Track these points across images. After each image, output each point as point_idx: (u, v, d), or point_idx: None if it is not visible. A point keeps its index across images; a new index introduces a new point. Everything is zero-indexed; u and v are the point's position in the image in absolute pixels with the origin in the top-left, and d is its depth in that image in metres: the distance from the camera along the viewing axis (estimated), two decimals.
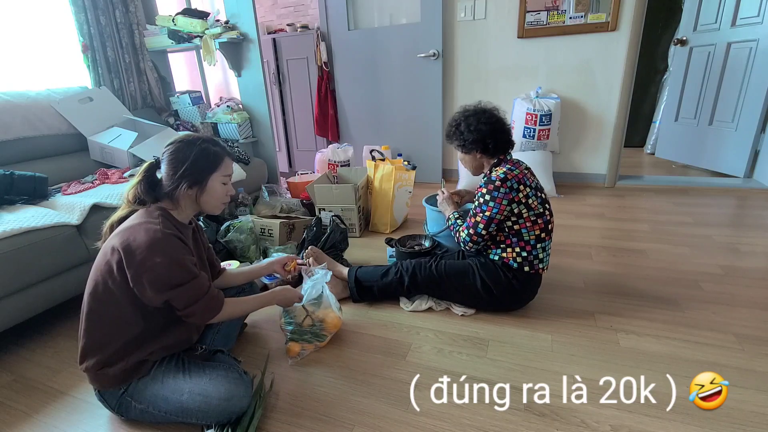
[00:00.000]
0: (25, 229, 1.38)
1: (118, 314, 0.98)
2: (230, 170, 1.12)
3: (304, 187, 2.47)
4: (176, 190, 1.03)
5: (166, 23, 2.62)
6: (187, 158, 1.03)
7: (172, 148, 1.05)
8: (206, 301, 1.01)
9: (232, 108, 2.80)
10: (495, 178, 1.33)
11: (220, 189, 1.09)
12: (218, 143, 1.09)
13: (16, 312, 1.39)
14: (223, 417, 1.00)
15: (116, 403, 1.03)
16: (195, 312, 1.00)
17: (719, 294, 1.54)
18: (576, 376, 1.15)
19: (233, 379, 1.03)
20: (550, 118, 2.72)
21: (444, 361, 1.25)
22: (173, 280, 0.95)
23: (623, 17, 2.57)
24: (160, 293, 0.95)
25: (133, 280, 0.94)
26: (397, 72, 3.15)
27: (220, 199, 1.10)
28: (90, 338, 1.01)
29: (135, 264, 0.93)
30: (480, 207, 1.36)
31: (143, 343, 1.01)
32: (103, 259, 0.98)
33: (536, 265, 1.40)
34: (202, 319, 1.03)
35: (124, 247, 0.94)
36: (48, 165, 1.98)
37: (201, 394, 0.99)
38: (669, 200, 2.62)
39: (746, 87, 2.78)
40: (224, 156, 1.09)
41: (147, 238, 0.94)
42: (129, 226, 0.98)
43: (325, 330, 1.32)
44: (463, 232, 1.42)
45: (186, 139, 1.06)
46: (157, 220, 0.99)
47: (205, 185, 1.06)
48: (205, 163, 1.05)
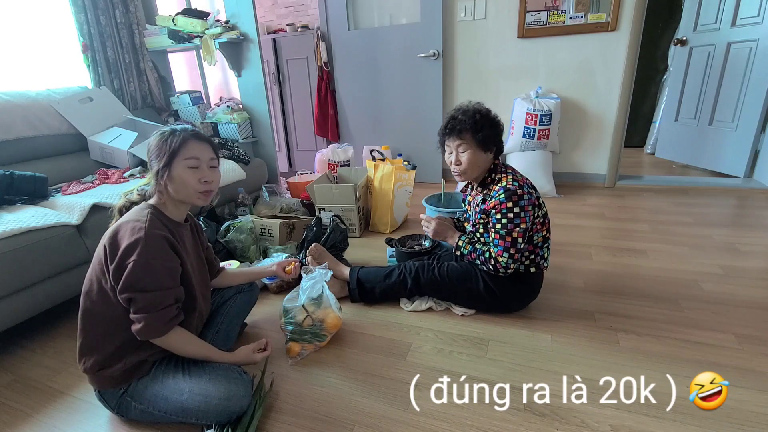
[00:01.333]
0: (25, 229, 1.38)
1: (112, 315, 0.97)
2: (197, 153, 1.02)
3: (304, 187, 2.47)
4: (155, 182, 1.02)
5: (166, 23, 2.62)
6: (152, 145, 1.02)
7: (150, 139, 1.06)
8: (156, 317, 0.94)
9: (232, 108, 2.80)
10: (514, 188, 1.27)
11: (189, 175, 1.01)
12: (185, 129, 1.04)
13: (16, 312, 1.39)
14: (223, 417, 1.00)
15: (116, 404, 1.03)
16: (142, 321, 0.94)
17: (719, 294, 1.54)
18: (576, 376, 1.15)
19: (233, 379, 1.02)
20: (550, 118, 2.72)
21: (444, 361, 1.25)
22: (140, 283, 0.92)
23: (623, 17, 2.57)
24: (123, 290, 0.92)
25: (112, 275, 0.93)
26: (397, 72, 3.15)
27: (191, 186, 1.02)
28: (86, 339, 1.00)
29: (114, 261, 0.92)
30: (512, 222, 1.27)
31: (140, 344, 1.00)
32: (96, 259, 0.98)
33: (541, 264, 1.40)
34: (145, 333, 0.95)
35: (109, 243, 0.94)
36: (48, 165, 1.98)
37: (201, 394, 0.99)
38: (669, 200, 2.62)
39: (746, 87, 2.78)
40: (188, 138, 1.01)
41: (129, 237, 0.93)
42: (119, 223, 0.98)
43: (325, 330, 1.32)
44: (501, 258, 1.29)
45: (160, 130, 1.04)
46: (145, 218, 0.97)
47: (171, 171, 1.00)
48: (164, 147, 1.00)
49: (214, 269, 1.30)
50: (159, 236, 0.95)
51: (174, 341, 1.00)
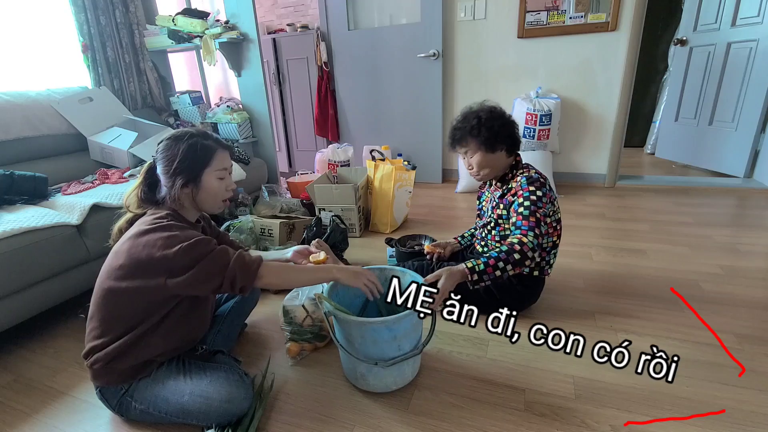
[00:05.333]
0: (25, 229, 1.38)
1: (130, 312, 0.97)
2: (226, 163, 1.06)
3: (304, 187, 2.47)
4: (172, 189, 1.00)
5: (166, 23, 2.62)
6: (176, 155, 0.99)
7: (162, 146, 1.02)
8: (238, 262, 0.95)
9: (232, 108, 2.80)
10: (537, 176, 1.29)
11: (217, 185, 1.05)
12: (210, 136, 1.05)
13: (16, 312, 1.39)
14: (224, 419, 1.00)
15: (116, 403, 1.03)
16: (234, 275, 0.94)
17: (719, 294, 1.54)
18: (576, 376, 1.15)
19: (234, 381, 1.02)
20: (550, 118, 2.72)
21: (444, 361, 1.25)
22: (195, 253, 0.92)
23: (623, 17, 2.57)
24: (190, 273, 0.91)
25: (165, 279, 0.92)
26: (397, 72, 3.15)
27: (218, 195, 1.06)
28: (99, 336, 0.99)
29: (156, 264, 0.91)
30: (535, 205, 1.25)
31: (152, 341, 1.00)
32: (115, 261, 0.96)
33: (546, 269, 1.40)
34: (245, 280, 0.96)
35: (141, 256, 0.92)
36: (48, 165, 1.98)
37: (202, 396, 0.99)
38: (669, 200, 2.62)
39: (746, 87, 2.78)
40: (216, 148, 1.04)
41: (161, 233, 0.93)
42: (137, 231, 0.96)
43: (325, 330, 1.32)
44: (527, 237, 1.21)
45: (175, 134, 1.02)
46: (166, 219, 0.98)
47: (200, 182, 1.02)
48: (195, 158, 1.00)
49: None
50: (184, 227, 0.99)
51: (276, 276, 1.01)
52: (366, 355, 1.06)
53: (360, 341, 1.06)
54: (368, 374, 1.09)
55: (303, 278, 1.07)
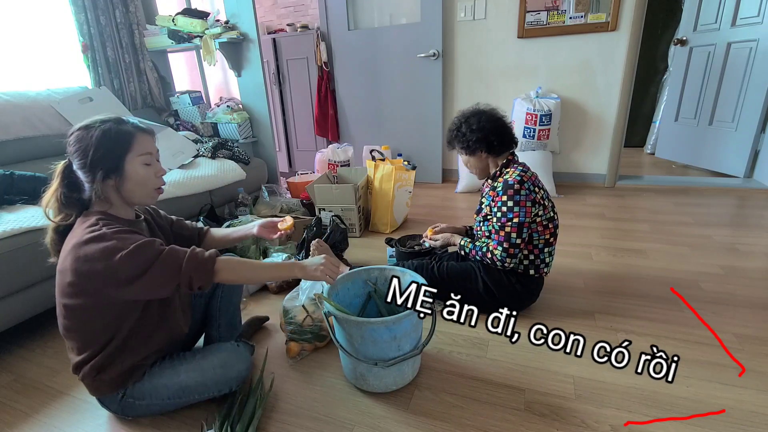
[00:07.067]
0: (25, 229, 1.38)
1: (100, 325, 0.94)
2: (149, 147, 0.95)
3: (304, 187, 2.47)
4: (94, 184, 0.90)
5: (166, 23, 2.62)
6: (89, 145, 0.89)
7: (72, 138, 0.91)
8: (192, 262, 0.89)
9: (232, 108, 2.80)
10: (512, 182, 1.30)
11: (144, 171, 0.94)
12: (126, 121, 0.95)
13: (16, 312, 1.39)
14: (222, 386, 1.02)
15: (118, 407, 1.03)
16: (189, 276, 0.88)
17: (719, 294, 1.54)
18: (576, 376, 1.15)
19: (225, 349, 1.05)
20: (550, 118, 2.72)
21: (444, 361, 1.25)
22: (139, 259, 0.85)
23: (623, 17, 2.57)
24: (141, 281, 0.85)
25: (115, 290, 0.87)
26: (397, 72, 3.15)
27: (147, 183, 0.95)
28: (79, 353, 0.98)
29: (103, 277, 0.85)
30: (505, 216, 1.31)
31: (135, 345, 0.99)
32: (63, 279, 0.91)
33: (541, 269, 1.40)
34: (202, 280, 0.89)
35: (83, 270, 0.86)
36: (48, 165, 1.98)
37: (195, 370, 1.02)
38: (669, 200, 2.62)
39: (746, 87, 2.78)
40: (135, 132, 0.93)
41: (97, 244, 0.85)
42: (74, 244, 0.87)
43: (325, 330, 1.32)
44: (496, 251, 1.33)
45: (84, 124, 0.92)
46: (98, 225, 0.88)
47: (123, 171, 0.91)
48: (112, 145, 0.90)
49: (194, 236, 1.21)
50: (120, 230, 0.89)
51: (234, 271, 0.94)
52: (366, 355, 1.06)
53: (360, 341, 1.06)
54: (368, 374, 1.09)
55: (263, 275, 1.01)
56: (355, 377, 1.14)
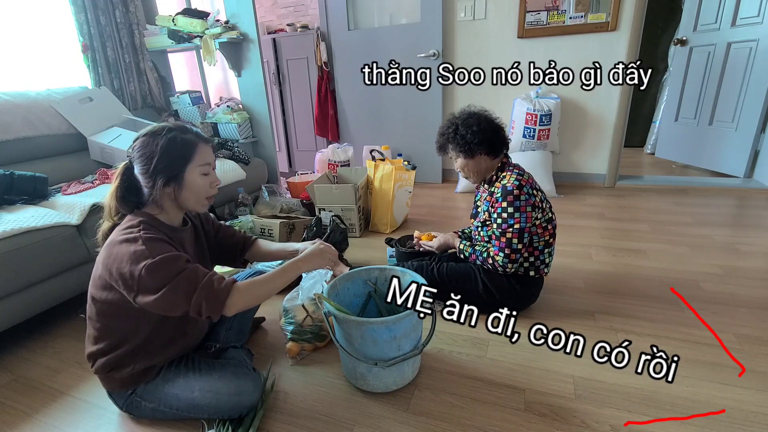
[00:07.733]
0: (25, 229, 1.38)
1: (120, 324, 0.97)
2: (209, 158, 0.98)
3: (304, 187, 2.47)
4: (153, 189, 0.93)
5: (166, 23, 2.62)
6: (154, 152, 0.91)
7: (138, 143, 0.94)
8: (204, 292, 0.88)
9: (232, 108, 2.80)
10: (511, 188, 1.29)
11: (201, 181, 0.97)
12: (190, 129, 0.98)
13: (16, 312, 1.39)
14: (234, 412, 1.01)
15: (124, 403, 1.04)
16: (199, 305, 0.87)
17: (719, 294, 1.54)
18: (576, 376, 1.15)
19: (242, 375, 1.03)
20: (550, 118, 2.72)
21: (444, 361, 1.25)
22: (159, 274, 0.85)
23: (623, 17, 2.57)
24: (156, 297, 0.86)
25: (132, 297, 0.88)
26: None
27: (202, 193, 0.98)
28: (95, 343, 1.00)
29: (125, 280, 0.86)
30: (506, 222, 1.30)
31: (150, 350, 1.00)
32: (95, 271, 0.95)
33: (541, 269, 1.40)
34: (212, 311, 0.89)
35: (112, 270, 0.88)
36: (48, 165, 1.98)
37: (211, 391, 1.00)
38: (669, 200, 2.62)
39: (746, 87, 2.78)
40: (198, 142, 0.96)
41: (128, 247, 0.87)
42: (110, 242, 0.91)
43: (325, 330, 1.32)
44: (498, 257, 1.33)
45: (151, 130, 0.95)
46: (137, 228, 0.90)
47: (183, 180, 0.95)
48: (176, 154, 0.93)
49: (239, 245, 1.22)
50: (156, 239, 0.90)
51: (247, 299, 0.93)
52: (366, 355, 1.06)
53: (360, 341, 1.06)
54: (368, 374, 1.09)
55: (274, 285, 1.00)
56: (355, 377, 1.14)
